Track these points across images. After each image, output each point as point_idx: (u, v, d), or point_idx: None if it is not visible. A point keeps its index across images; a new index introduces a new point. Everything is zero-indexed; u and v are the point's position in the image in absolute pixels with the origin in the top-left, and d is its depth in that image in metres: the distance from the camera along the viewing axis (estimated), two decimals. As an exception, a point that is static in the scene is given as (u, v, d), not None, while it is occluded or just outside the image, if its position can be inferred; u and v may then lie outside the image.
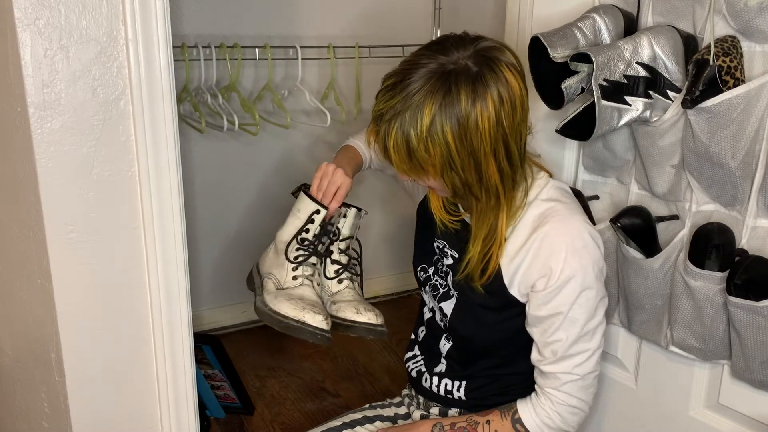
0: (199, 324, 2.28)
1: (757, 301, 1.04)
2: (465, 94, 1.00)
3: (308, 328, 1.21)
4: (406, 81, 1.02)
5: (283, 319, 1.23)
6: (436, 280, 1.28)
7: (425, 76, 1.01)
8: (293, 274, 1.29)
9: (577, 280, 1.10)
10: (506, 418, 1.19)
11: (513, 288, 1.15)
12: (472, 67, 1.01)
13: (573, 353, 1.13)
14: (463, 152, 1.03)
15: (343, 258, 1.34)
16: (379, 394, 2.00)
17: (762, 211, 1.09)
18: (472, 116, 1.01)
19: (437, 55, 1.03)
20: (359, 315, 1.27)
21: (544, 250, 1.11)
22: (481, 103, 1.01)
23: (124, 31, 1.04)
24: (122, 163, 1.09)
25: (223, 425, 1.87)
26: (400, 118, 1.02)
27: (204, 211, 2.27)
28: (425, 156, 1.04)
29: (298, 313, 1.22)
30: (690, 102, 1.04)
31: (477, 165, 1.05)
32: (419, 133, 1.02)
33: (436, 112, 1.00)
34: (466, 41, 1.04)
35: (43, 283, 1.11)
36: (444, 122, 1.01)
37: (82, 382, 1.16)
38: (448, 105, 1.00)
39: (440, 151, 1.03)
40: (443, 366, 1.30)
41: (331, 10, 2.30)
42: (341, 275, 1.33)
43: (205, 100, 2.03)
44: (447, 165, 1.04)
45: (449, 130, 1.01)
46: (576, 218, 1.13)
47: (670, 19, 1.14)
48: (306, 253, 1.29)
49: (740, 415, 1.20)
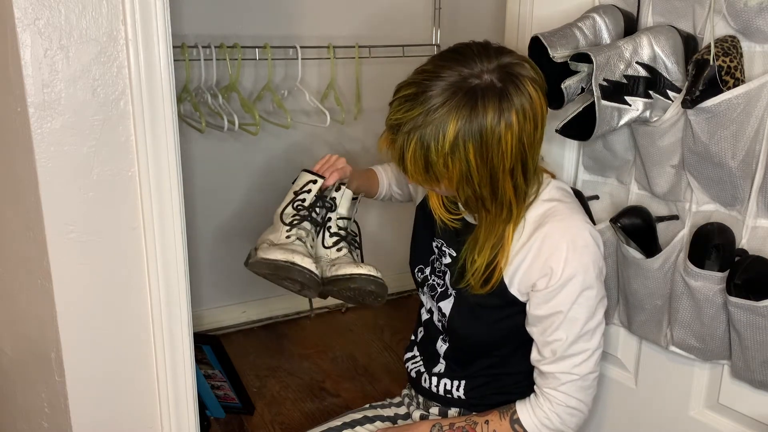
0: (199, 324, 2.28)
1: (757, 301, 1.04)
2: (492, 110, 0.99)
3: (297, 267, 1.22)
4: (426, 92, 1.00)
5: (272, 262, 1.24)
6: (433, 279, 1.29)
7: (447, 89, 1.00)
8: (287, 234, 1.30)
9: (578, 280, 1.10)
10: (505, 419, 1.19)
11: (513, 287, 1.16)
12: (497, 82, 1.00)
13: (572, 353, 1.13)
14: (483, 169, 1.03)
15: (342, 232, 1.35)
16: (379, 394, 2.00)
17: (762, 211, 1.09)
18: (495, 133, 1.00)
19: (458, 67, 1.01)
20: (359, 268, 1.28)
21: (545, 250, 1.11)
22: (506, 120, 1.00)
23: (124, 31, 1.04)
24: (122, 163, 1.09)
25: (223, 425, 1.87)
26: (421, 131, 1.01)
27: (204, 211, 2.27)
28: (443, 170, 1.03)
29: (288, 256, 1.24)
30: (690, 102, 1.04)
31: (494, 181, 1.05)
32: (440, 148, 1.01)
33: (461, 129, 0.99)
34: (489, 53, 1.03)
35: (43, 283, 1.11)
36: (467, 139, 1.00)
37: (82, 382, 1.16)
38: (474, 121, 0.99)
39: (460, 166, 1.02)
40: (442, 366, 1.31)
41: (331, 10, 2.30)
42: (340, 245, 1.34)
43: (205, 100, 2.03)
44: (464, 180, 1.04)
45: (471, 146, 1.00)
46: (577, 218, 1.13)
47: (670, 19, 1.14)
48: (300, 216, 1.30)
49: (740, 415, 1.20)
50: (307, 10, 2.26)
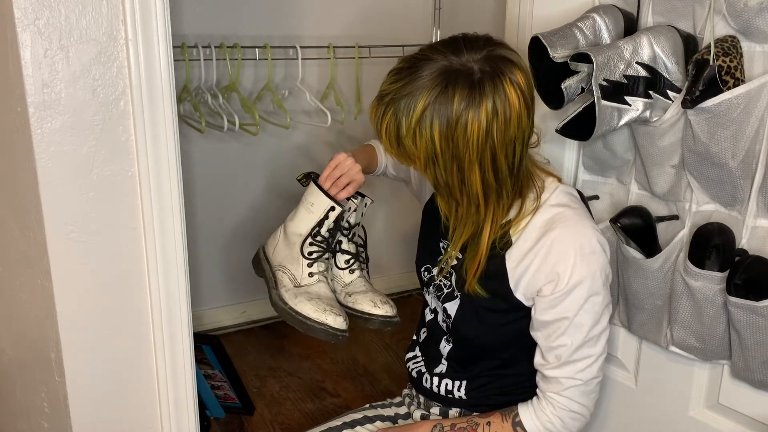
0: (199, 324, 2.28)
1: (757, 301, 1.04)
2: (459, 96, 1.01)
3: (330, 330, 1.25)
4: (414, 70, 1.03)
5: (305, 320, 1.27)
6: (440, 280, 1.28)
7: (434, 71, 1.02)
8: (309, 270, 1.31)
9: (585, 286, 1.09)
10: (507, 421, 1.19)
11: (518, 292, 1.15)
12: (476, 73, 1.02)
13: (577, 358, 1.13)
14: (447, 153, 1.04)
15: (351, 247, 1.36)
16: (379, 394, 2.00)
17: (762, 211, 1.09)
18: (461, 120, 1.02)
19: (449, 54, 1.03)
20: (376, 308, 1.30)
21: (552, 256, 1.10)
22: (473, 110, 1.01)
23: (124, 31, 1.04)
24: (122, 163, 1.09)
25: (223, 425, 1.87)
26: (396, 104, 1.04)
27: (204, 211, 2.27)
28: (411, 147, 1.05)
29: (320, 315, 1.25)
30: (690, 102, 1.04)
31: (460, 169, 1.06)
32: (409, 123, 1.03)
33: (428, 107, 1.02)
34: (479, 44, 1.05)
35: (43, 283, 1.11)
36: (433, 119, 1.02)
37: (82, 382, 1.16)
38: (441, 103, 1.01)
39: (425, 146, 1.04)
40: (443, 367, 1.30)
41: (331, 10, 2.30)
42: (352, 266, 1.36)
43: (205, 100, 2.03)
44: (431, 161, 1.06)
45: (437, 127, 1.02)
46: (585, 224, 1.12)
47: (670, 19, 1.14)
48: (321, 250, 1.31)
49: (740, 415, 1.20)
50: (307, 10, 2.26)
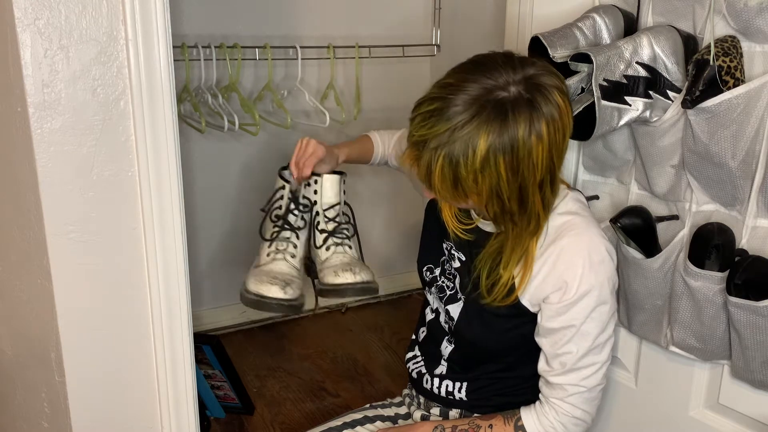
0: (199, 324, 2.28)
1: (757, 301, 1.04)
2: (524, 123, 0.97)
3: (265, 300, 1.23)
4: (450, 107, 0.97)
5: (246, 295, 1.26)
6: (443, 281, 1.28)
7: (473, 103, 0.97)
8: (267, 251, 1.31)
9: (593, 296, 1.09)
10: (509, 424, 1.19)
11: (524, 298, 1.15)
12: (525, 93, 0.97)
13: (582, 366, 1.13)
14: (514, 183, 1.01)
15: (330, 225, 1.34)
16: (379, 394, 1.99)
17: (762, 211, 1.09)
18: (527, 146, 0.98)
19: (482, 79, 0.98)
20: (337, 277, 1.28)
21: (560, 264, 1.10)
22: (537, 132, 0.98)
23: (124, 31, 1.04)
24: (122, 163, 1.09)
25: (223, 425, 1.87)
26: (449, 148, 0.98)
27: (204, 211, 2.27)
28: (472, 186, 1.01)
29: (259, 287, 1.24)
30: (690, 102, 1.04)
31: (524, 195, 1.03)
32: (470, 164, 0.98)
33: (492, 143, 0.97)
34: (514, 63, 1.00)
35: (43, 283, 1.11)
36: (498, 153, 0.97)
37: (82, 382, 1.16)
38: (505, 135, 0.97)
39: (490, 181, 1.00)
40: (444, 368, 1.30)
41: (331, 10, 2.30)
42: (327, 243, 1.34)
43: (205, 100, 2.03)
44: (494, 195, 1.02)
45: (502, 161, 0.98)
46: (593, 232, 1.12)
47: (670, 19, 1.14)
48: (278, 228, 1.31)
49: (740, 415, 1.20)
50: (307, 10, 2.26)
